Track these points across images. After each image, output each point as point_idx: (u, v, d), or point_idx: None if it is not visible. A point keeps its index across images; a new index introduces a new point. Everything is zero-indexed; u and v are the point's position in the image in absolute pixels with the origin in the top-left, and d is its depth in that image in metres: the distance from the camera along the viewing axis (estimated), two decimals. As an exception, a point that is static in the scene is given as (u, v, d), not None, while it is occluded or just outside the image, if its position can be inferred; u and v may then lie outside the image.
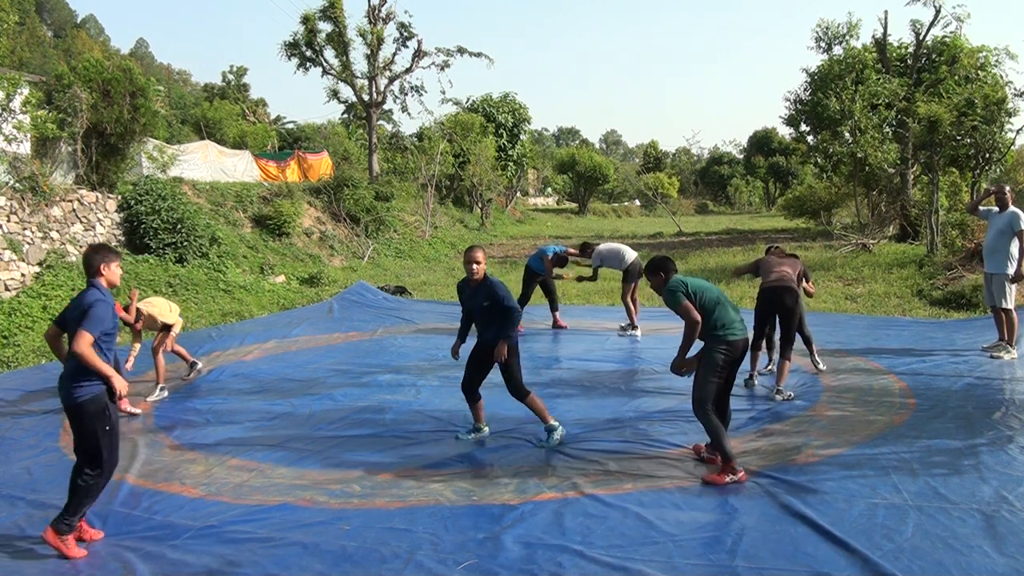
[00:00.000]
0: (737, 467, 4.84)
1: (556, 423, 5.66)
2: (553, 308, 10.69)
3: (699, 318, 4.81)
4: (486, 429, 5.91)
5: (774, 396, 6.71)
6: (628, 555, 3.91)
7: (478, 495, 4.75)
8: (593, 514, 4.43)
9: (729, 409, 5.19)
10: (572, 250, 10.76)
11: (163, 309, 7.55)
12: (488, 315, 5.50)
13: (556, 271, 10.60)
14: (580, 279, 10.65)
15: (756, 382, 7.13)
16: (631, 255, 10.08)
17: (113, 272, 4.36)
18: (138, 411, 6.82)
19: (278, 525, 4.38)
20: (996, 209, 8.18)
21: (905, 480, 4.74)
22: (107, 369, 4.08)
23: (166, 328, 7.53)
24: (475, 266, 5.47)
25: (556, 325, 10.60)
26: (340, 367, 8.51)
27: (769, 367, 7.56)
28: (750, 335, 5.37)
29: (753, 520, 4.27)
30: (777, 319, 6.92)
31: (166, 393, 7.40)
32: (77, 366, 4.08)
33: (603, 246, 10.37)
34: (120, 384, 4.15)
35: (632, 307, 9.97)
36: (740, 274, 7.67)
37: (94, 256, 4.32)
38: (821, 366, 7.52)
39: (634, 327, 9.95)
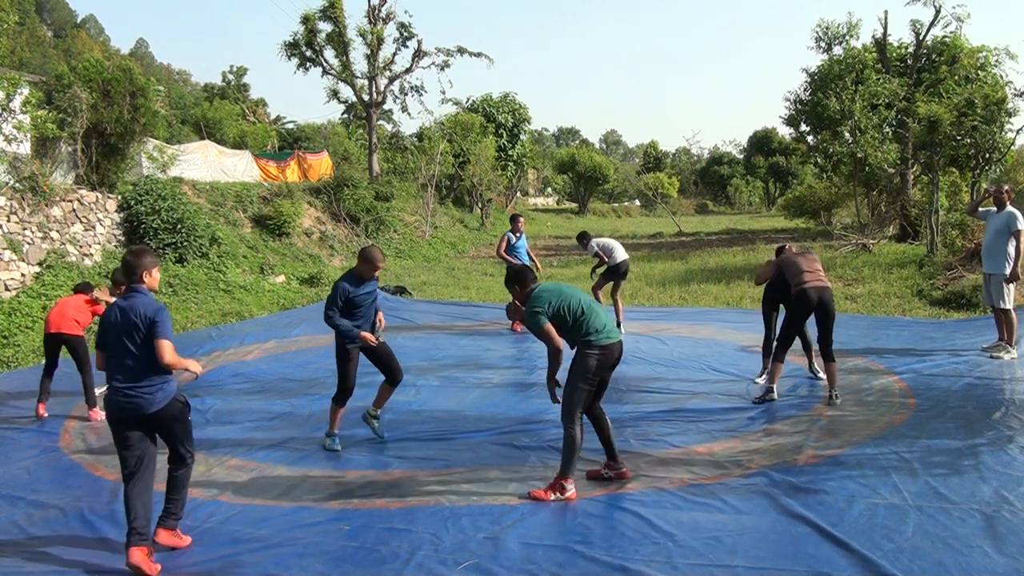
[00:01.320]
0: (569, 487, 4.63)
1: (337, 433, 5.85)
2: None
3: (561, 345, 4.64)
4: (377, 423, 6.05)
5: (833, 401, 6.45)
6: (628, 555, 3.91)
7: (478, 495, 4.76)
8: (593, 514, 4.44)
9: (605, 416, 4.95)
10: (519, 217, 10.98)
11: None
12: (373, 303, 6.00)
13: (510, 258, 10.41)
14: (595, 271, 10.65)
15: (838, 400, 6.48)
16: (621, 255, 10.30)
17: (154, 278, 4.18)
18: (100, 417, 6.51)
19: (278, 525, 4.38)
20: (994, 209, 8.18)
21: (905, 480, 4.74)
22: (188, 362, 4.16)
23: None
24: (381, 265, 5.83)
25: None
26: (340, 367, 8.48)
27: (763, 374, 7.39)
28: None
29: (753, 520, 4.28)
30: (816, 321, 6.59)
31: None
32: (145, 370, 3.95)
33: (600, 239, 10.58)
34: (198, 368, 4.24)
35: (615, 305, 10.23)
36: (763, 282, 7.44)
37: (137, 261, 4.09)
38: (821, 374, 7.25)
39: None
